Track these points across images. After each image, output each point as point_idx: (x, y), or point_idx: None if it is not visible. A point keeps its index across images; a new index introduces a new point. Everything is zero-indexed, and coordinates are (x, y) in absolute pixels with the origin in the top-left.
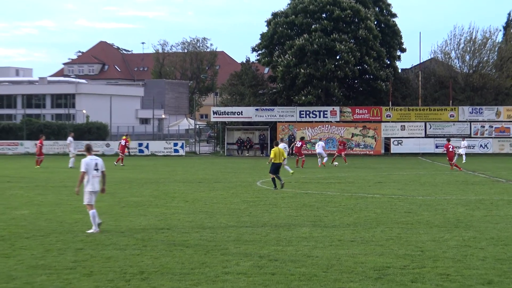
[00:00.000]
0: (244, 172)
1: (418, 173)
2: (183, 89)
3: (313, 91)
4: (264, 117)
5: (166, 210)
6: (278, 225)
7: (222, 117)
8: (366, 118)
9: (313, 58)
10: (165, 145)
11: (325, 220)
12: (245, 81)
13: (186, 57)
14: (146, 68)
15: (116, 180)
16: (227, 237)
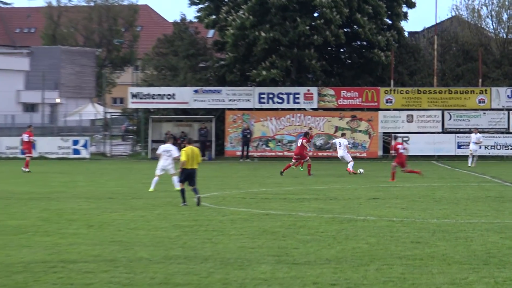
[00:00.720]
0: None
1: (431, 185)
2: (87, 60)
3: (278, 64)
4: (206, 103)
5: (60, 239)
6: (226, 261)
7: (144, 102)
8: (356, 104)
9: (279, 16)
10: (60, 143)
11: (294, 253)
12: (179, 50)
13: (92, 13)
14: (33, 29)
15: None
16: (150, 279)
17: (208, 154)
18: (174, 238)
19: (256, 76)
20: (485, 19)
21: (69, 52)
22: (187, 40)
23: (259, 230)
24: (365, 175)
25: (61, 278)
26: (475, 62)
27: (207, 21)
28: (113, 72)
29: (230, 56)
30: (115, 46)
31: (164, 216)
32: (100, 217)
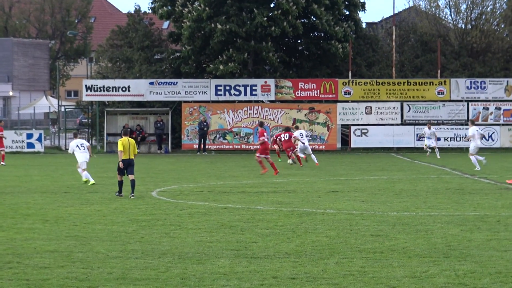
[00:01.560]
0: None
1: (391, 178)
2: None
3: (235, 57)
4: (162, 95)
5: (15, 234)
6: (184, 255)
7: (99, 94)
8: (314, 96)
9: (235, 7)
10: (14, 137)
11: (253, 247)
12: (133, 41)
13: (45, 4)
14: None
15: None
16: (107, 274)
17: (164, 147)
18: (131, 232)
19: (213, 69)
20: (443, 9)
21: (21, 44)
22: (141, 31)
23: (217, 224)
24: (323, 168)
25: (16, 273)
26: (434, 53)
27: (161, 12)
28: (67, 65)
29: (186, 48)
30: (68, 38)
31: (121, 211)
32: (56, 211)
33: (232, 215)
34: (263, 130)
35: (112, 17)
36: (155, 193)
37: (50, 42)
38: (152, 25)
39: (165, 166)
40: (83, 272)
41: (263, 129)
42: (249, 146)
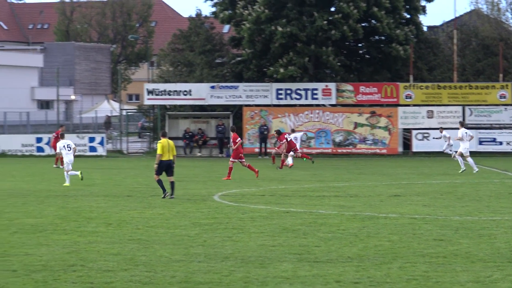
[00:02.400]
0: (195, 180)
1: (453, 182)
2: (102, 56)
3: (296, 60)
4: (224, 99)
5: (78, 237)
6: (246, 259)
7: (160, 98)
8: (375, 100)
9: (296, 11)
10: (76, 141)
11: (315, 251)
12: (195, 45)
13: (106, 8)
14: (46, 25)
15: (3, 193)
16: (170, 278)
17: (226, 151)
18: (193, 236)
19: (273, 72)
20: (505, 12)
21: (83, 48)
22: (203, 35)
23: (280, 227)
24: (384, 172)
25: (80, 276)
26: (496, 57)
27: (222, 16)
28: (128, 68)
29: (247, 52)
30: (129, 42)
31: (183, 214)
32: (119, 215)
33: (294, 219)
34: (235, 135)
35: (173, 21)
36: (217, 197)
37: (111, 46)
38: (213, 29)
39: (227, 170)
40: (147, 275)
41: (236, 134)
42: (311, 150)
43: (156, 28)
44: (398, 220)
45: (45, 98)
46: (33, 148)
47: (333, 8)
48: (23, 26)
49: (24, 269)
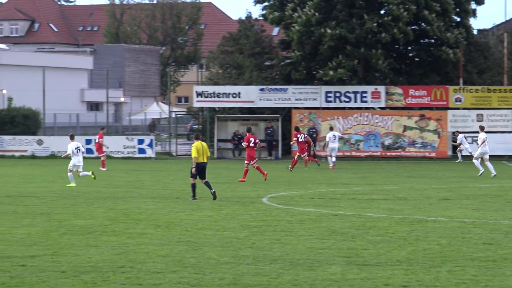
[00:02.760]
0: (244, 183)
1: (503, 185)
2: (151, 59)
3: (345, 63)
4: (273, 101)
5: (127, 239)
6: (295, 261)
7: (209, 101)
8: (425, 103)
9: (345, 12)
10: (126, 143)
11: (364, 254)
12: (244, 47)
13: (156, 11)
14: (96, 27)
15: (53, 194)
16: (219, 280)
17: (274, 154)
18: (242, 238)
19: (323, 75)
20: None
21: (133, 50)
22: (252, 38)
23: (328, 230)
24: (434, 175)
25: (129, 278)
26: None
27: (272, 18)
28: (178, 71)
29: (296, 54)
30: (179, 44)
31: (232, 216)
32: (167, 217)
33: (343, 222)
34: (250, 135)
35: (222, 23)
36: (266, 199)
37: (161, 48)
38: (262, 31)
39: (275, 173)
40: (195, 277)
41: (251, 135)
42: (359, 153)
43: (206, 31)
44: (447, 223)
45: (94, 100)
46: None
47: (383, 10)
48: (73, 28)
49: (73, 270)
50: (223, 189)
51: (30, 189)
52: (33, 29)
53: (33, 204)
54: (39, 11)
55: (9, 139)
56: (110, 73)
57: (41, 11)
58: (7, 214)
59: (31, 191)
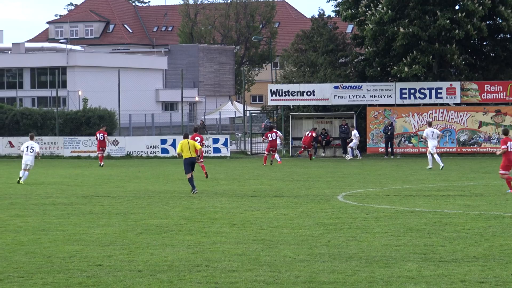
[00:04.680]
0: (319, 180)
1: None
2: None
3: (420, 59)
4: (347, 99)
5: (203, 237)
6: (371, 259)
7: (284, 99)
8: (501, 98)
9: (418, 9)
10: None
11: (440, 251)
12: (318, 45)
13: (230, 10)
14: (170, 27)
15: (128, 194)
16: (294, 278)
17: (349, 151)
18: (317, 236)
19: (397, 72)
20: None
21: (207, 50)
22: (326, 35)
23: (404, 227)
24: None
25: (205, 277)
26: None
27: (345, 15)
28: (252, 70)
29: (369, 50)
30: (253, 43)
31: (307, 214)
32: (243, 215)
33: (418, 218)
34: (271, 131)
35: (296, 21)
36: (341, 197)
37: (235, 47)
38: (336, 29)
39: (350, 170)
40: (271, 275)
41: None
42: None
43: (279, 29)
44: None
45: (169, 100)
46: (158, 150)
47: (457, 6)
48: (147, 29)
49: (150, 270)
50: (298, 187)
51: (106, 189)
52: (108, 31)
53: (109, 204)
54: (113, 12)
55: (85, 140)
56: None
57: (116, 13)
58: (83, 214)
59: (107, 192)
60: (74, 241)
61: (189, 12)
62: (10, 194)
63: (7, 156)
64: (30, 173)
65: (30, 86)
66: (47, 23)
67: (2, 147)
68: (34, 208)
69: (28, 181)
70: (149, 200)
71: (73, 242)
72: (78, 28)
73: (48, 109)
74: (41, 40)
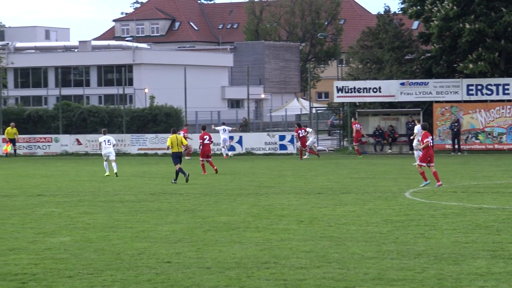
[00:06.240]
0: (386, 177)
1: None
2: (291, 55)
3: (486, 56)
4: (413, 95)
5: (271, 234)
6: (439, 256)
7: (350, 96)
8: None
9: (483, 5)
10: (267, 139)
11: (510, 248)
12: (384, 42)
13: (295, 7)
14: (236, 24)
15: (195, 191)
16: (363, 275)
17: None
18: (385, 233)
19: (463, 68)
20: None
21: (272, 47)
22: (391, 32)
23: (472, 224)
24: None
25: (274, 273)
26: None
27: (411, 12)
28: (317, 67)
29: (435, 47)
30: (318, 40)
31: (375, 211)
32: (310, 212)
33: (487, 215)
34: (299, 128)
35: (362, 18)
36: (408, 194)
37: (300, 44)
38: (402, 25)
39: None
40: (339, 272)
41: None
42: (502, 146)
43: (345, 26)
44: None
45: (235, 97)
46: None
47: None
48: (213, 26)
49: (218, 266)
50: (365, 184)
51: (174, 186)
52: (174, 28)
53: (176, 202)
54: (179, 10)
55: (152, 137)
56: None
57: (182, 10)
58: (151, 212)
59: (174, 189)
60: (143, 238)
61: (254, 9)
62: (78, 191)
63: (74, 153)
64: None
65: (96, 84)
66: (113, 21)
67: (70, 145)
68: (102, 205)
69: (95, 178)
70: (216, 197)
71: (142, 239)
72: (144, 26)
73: (115, 106)
74: (108, 38)
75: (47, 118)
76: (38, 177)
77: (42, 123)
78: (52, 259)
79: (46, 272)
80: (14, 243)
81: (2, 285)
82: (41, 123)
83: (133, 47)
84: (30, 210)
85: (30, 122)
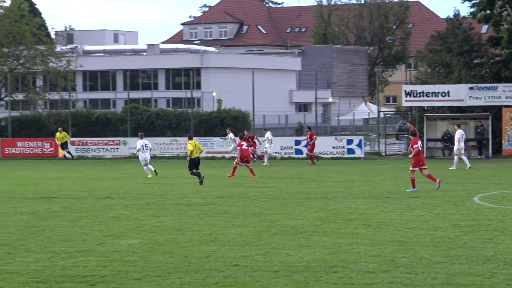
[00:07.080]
0: (454, 182)
1: None
2: (359, 59)
3: None
4: (482, 100)
5: (338, 239)
6: (509, 261)
7: (418, 100)
8: None
9: None
10: (335, 143)
11: None
12: (452, 46)
13: (363, 11)
14: (304, 28)
15: (263, 195)
16: (431, 280)
17: (485, 153)
18: (454, 238)
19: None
20: None
21: (340, 51)
22: (460, 36)
23: None
24: None
25: (341, 278)
26: None
27: (480, 16)
28: (386, 70)
29: (505, 52)
30: (386, 44)
31: (443, 216)
32: (378, 216)
33: None
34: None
35: (430, 22)
36: (476, 199)
37: (368, 48)
38: (471, 29)
39: (486, 172)
40: (407, 277)
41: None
42: None
43: (413, 30)
44: None
45: (302, 101)
46: (292, 151)
47: None
48: (281, 30)
49: (286, 270)
50: (433, 189)
51: (241, 190)
52: (242, 32)
53: (244, 205)
54: (247, 13)
55: (219, 141)
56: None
57: (250, 14)
58: (219, 215)
59: (242, 192)
60: (210, 241)
61: (322, 13)
62: (146, 194)
63: None
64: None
65: (164, 87)
66: (181, 25)
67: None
68: (170, 208)
69: (162, 181)
70: (283, 201)
71: (209, 242)
72: (212, 30)
73: (182, 110)
74: (176, 42)
75: (116, 121)
76: (106, 180)
77: (111, 126)
78: (121, 261)
79: (114, 274)
80: (83, 245)
81: (71, 286)
82: (110, 126)
83: (201, 50)
84: (99, 212)
85: (99, 125)
